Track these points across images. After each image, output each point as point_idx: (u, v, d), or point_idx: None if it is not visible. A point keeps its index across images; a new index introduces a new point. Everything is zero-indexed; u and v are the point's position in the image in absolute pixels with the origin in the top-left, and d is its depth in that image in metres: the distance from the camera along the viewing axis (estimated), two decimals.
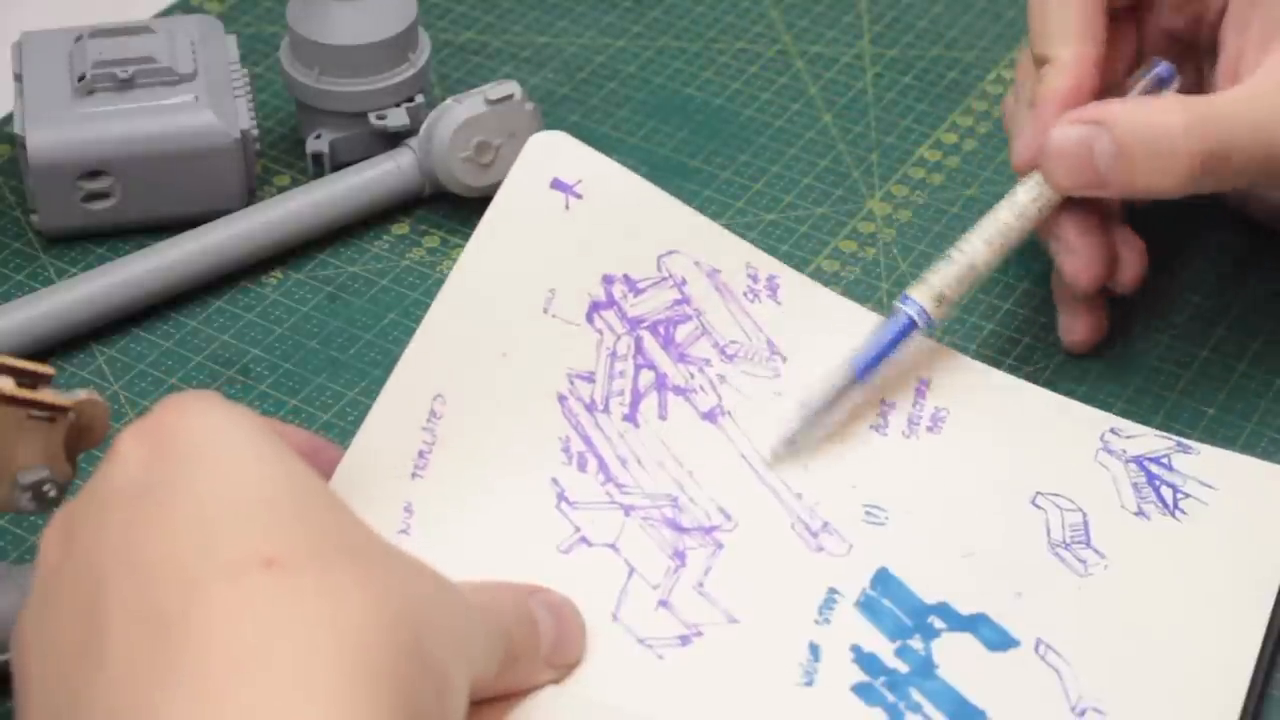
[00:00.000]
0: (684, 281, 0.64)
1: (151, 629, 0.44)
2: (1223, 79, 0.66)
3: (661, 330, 0.64)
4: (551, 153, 0.64)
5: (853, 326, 0.65)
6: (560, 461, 0.61)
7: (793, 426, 0.63)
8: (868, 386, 0.64)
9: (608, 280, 0.63)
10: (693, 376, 0.63)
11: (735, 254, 0.65)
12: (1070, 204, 0.66)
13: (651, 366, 0.63)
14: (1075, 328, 0.69)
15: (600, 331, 0.63)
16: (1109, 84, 0.68)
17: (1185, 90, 0.68)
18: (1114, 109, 0.64)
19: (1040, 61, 0.67)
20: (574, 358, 0.62)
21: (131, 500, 0.47)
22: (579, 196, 0.64)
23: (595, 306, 0.63)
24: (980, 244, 0.65)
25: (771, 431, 0.63)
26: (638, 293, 0.64)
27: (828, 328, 0.65)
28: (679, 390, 0.63)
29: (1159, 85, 0.67)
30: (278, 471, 0.48)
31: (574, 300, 0.63)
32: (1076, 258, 0.67)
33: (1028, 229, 0.66)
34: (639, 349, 0.63)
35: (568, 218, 0.63)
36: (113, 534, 0.47)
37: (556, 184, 0.64)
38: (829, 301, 0.67)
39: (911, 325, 0.64)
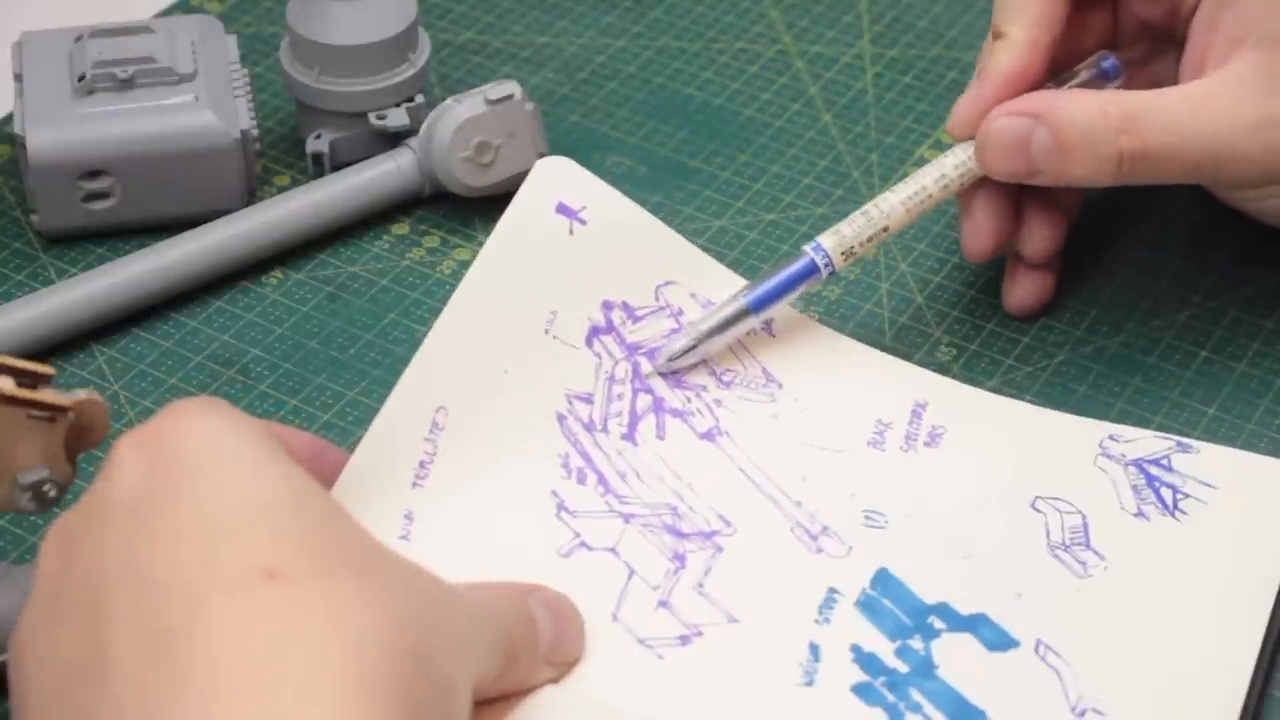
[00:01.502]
0: (680, 312, 0.65)
1: (155, 642, 0.44)
2: (1184, 75, 0.67)
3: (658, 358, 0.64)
4: (557, 177, 0.65)
5: (848, 358, 0.66)
6: (559, 476, 0.61)
7: (680, 344, 0.64)
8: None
9: (607, 306, 0.64)
10: (689, 401, 0.64)
11: (731, 289, 0.66)
12: (987, 178, 0.68)
13: (649, 391, 0.64)
14: (1013, 292, 0.71)
15: (599, 355, 0.64)
16: (1066, 64, 0.69)
17: (1162, 81, 0.68)
18: (1053, 102, 0.65)
19: (996, 34, 0.68)
20: (573, 379, 0.63)
21: (132, 511, 0.47)
22: (583, 222, 0.64)
23: (595, 331, 0.64)
24: (899, 207, 0.67)
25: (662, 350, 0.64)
26: (636, 320, 0.64)
27: (822, 358, 0.66)
28: (676, 413, 0.63)
29: (1103, 78, 0.68)
30: (278, 480, 0.48)
31: (574, 323, 0.64)
32: (973, 227, 0.69)
33: (947, 198, 0.67)
34: (636, 374, 0.64)
35: (571, 242, 0.64)
36: (114, 545, 0.47)
37: (561, 208, 0.65)
38: (824, 336, 0.67)
39: (813, 271, 0.65)
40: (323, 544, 0.47)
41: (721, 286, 0.66)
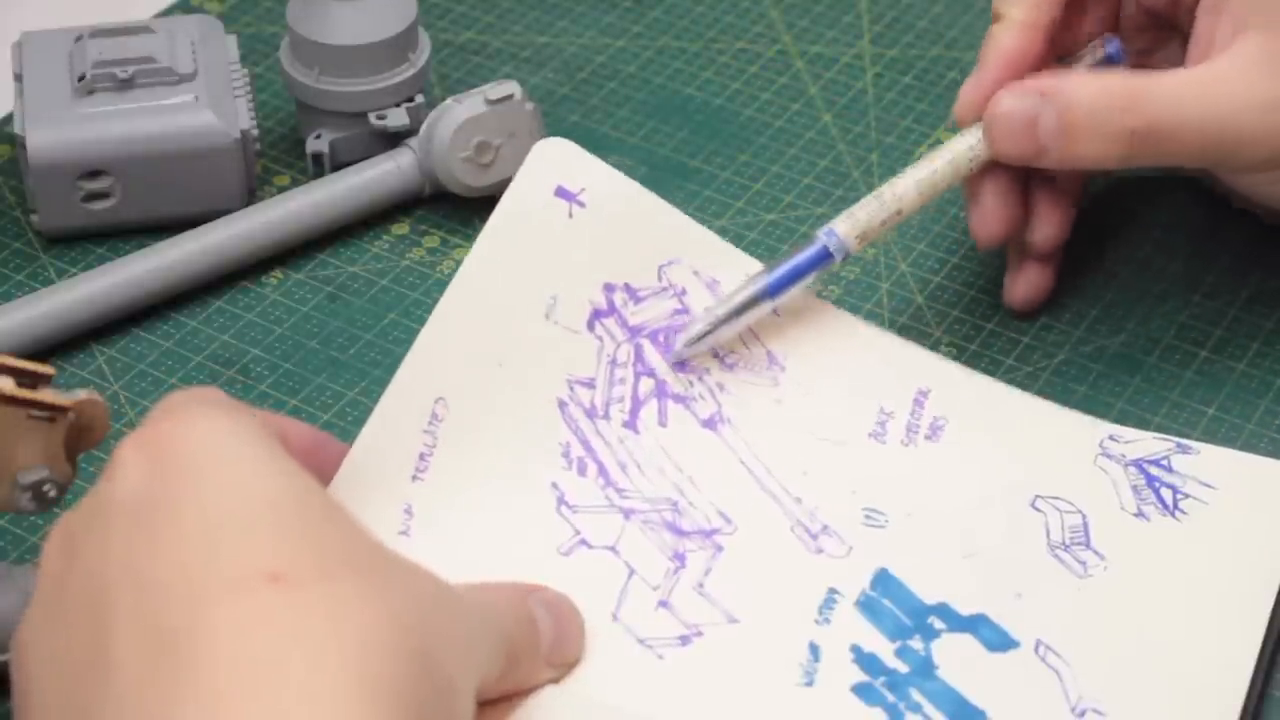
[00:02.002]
0: (684, 291, 0.65)
1: (158, 644, 0.44)
2: (1190, 61, 0.67)
3: (661, 339, 0.64)
4: (556, 159, 0.65)
5: (854, 339, 0.66)
6: (560, 466, 0.61)
7: (697, 329, 0.64)
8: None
9: (609, 289, 0.64)
10: (692, 385, 0.63)
11: (736, 265, 0.66)
12: (995, 163, 0.67)
13: (651, 374, 0.63)
14: (1015, 286, 0.71)
15: (600, 339, 0.63)
16: (1068, 50, 0.69)
17: (1165, 65, 0.69)
18: (1060, 82, 0.65)
19: (995, 17, 0.68)
20: (574, 364, 0.62)
21: (134, 513, 0.47)
22: (582, 205, 0.64)
23: (596, 314, 0.63)
24: (913, 190, 0.66)
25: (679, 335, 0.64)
26: (638, 301, 0.64)
27: (827, 339, 0.66)
28: (679, 398, 0.63)
29: (1107, 63, 0.69)
30: (280, 481, 0.48)
31: (575, 307, 0.63)
32: (981, 213, 0.69)
33: (957, 182, 0.67)
34: (639, 357, 0.63)
35: (571, 225, 0.64)
36: (116, 547, 0.47)
37: (560, 192, 0.64)
38: (828, 313, 0.67)
39: (828, 257, 0.65)
40: (325, 546, 0.47)
41: (725, 263, 0.65)
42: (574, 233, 0.64)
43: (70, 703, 0.45)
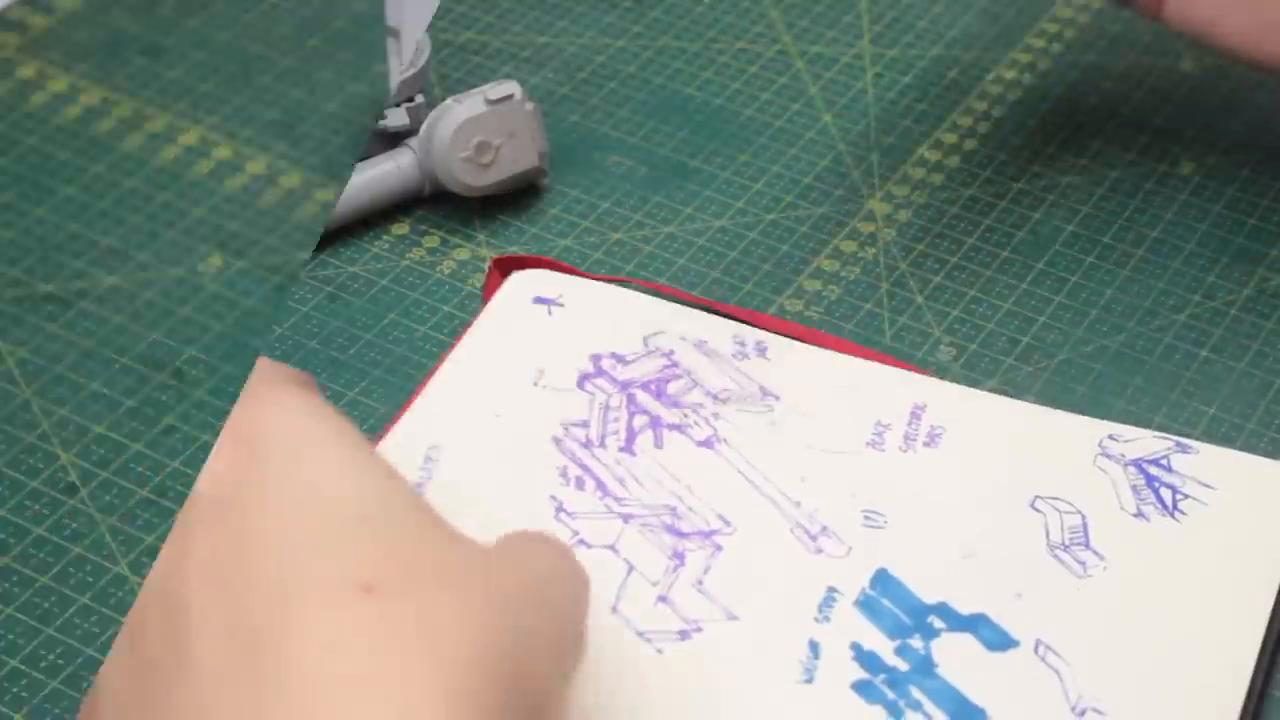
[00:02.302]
0: (672, 351, 0.66)
1: (243, 645, 0.43)
2: None
3: (653, 387, 0.65)
4: (532, 282, 0.68)
5: (845, 370, 0.66)
6: (558, 484, 0.62)
7: None
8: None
9: (596, 358, 0.66)
10: (686, 415, 0.64)
11: (722, 328, 0.67)
12: None
13: (645, 412, 0.64)
14: None
15: (591, 393, 0.65)
16: None
17: None
18: None
19: None
20: (567, 413, 0.64)
21: (215, 509, 0.46)
22: (561, 305, 0.67)
23: (585, 377, 0.65)
24: None
25: None
26: (626, 364, 0.65)
27: (819, 373, 0.66)
28: (674, 427, 0.64)
29: None
30: (368, 483, 0.47)
31: (563, 374, 0.65)
32: None
33: None
34: (631, 401, 0.64)
35: (551, 321, 0.66)
36: (198, 543, 0.45)
37: (538, 300, 0.67)
38: (821, 358, 0.67)
39: None
40: (415, 554, 0.46)
41: (712, 328, 0.67)
42: (556, 324, 0.66)
43: (144, 696, 0.44)
